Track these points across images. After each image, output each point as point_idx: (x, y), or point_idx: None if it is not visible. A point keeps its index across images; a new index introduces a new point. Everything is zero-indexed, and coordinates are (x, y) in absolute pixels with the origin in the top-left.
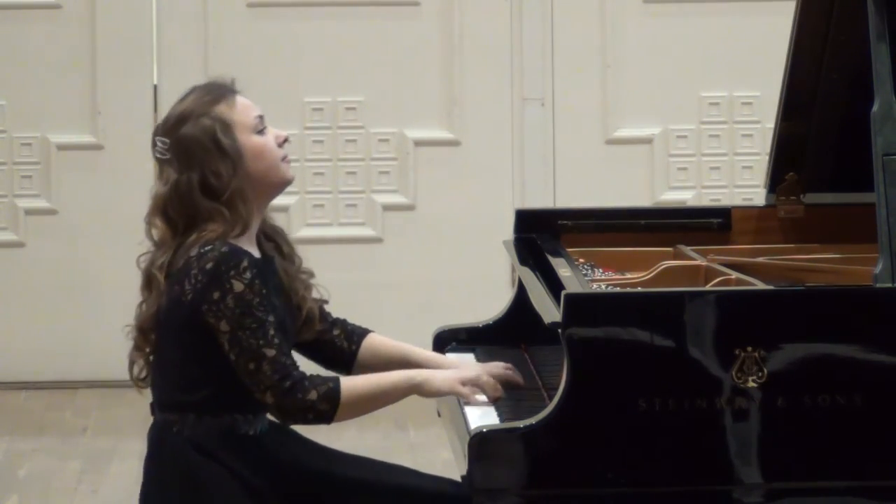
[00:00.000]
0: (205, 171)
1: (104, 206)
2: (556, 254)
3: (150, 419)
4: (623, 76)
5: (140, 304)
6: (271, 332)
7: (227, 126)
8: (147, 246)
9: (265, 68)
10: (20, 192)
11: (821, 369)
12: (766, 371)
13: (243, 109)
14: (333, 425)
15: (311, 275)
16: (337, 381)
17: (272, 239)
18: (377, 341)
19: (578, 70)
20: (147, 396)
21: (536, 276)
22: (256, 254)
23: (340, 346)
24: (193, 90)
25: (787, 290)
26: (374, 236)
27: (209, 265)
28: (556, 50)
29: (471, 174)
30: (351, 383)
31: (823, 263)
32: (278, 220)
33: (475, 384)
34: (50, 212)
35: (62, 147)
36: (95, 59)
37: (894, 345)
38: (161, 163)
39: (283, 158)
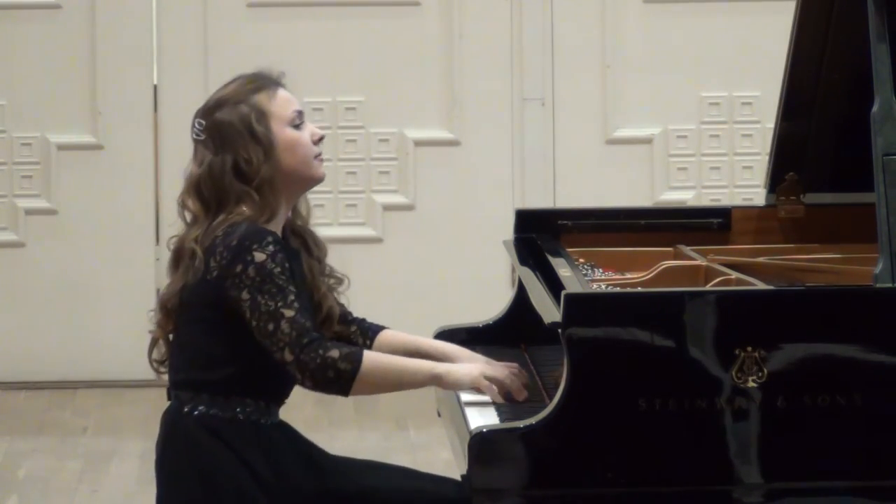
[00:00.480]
0: (237, 155)
1: (104, 206)
2: (556, 254)
3: (150, 419)
4: (623, 76)
5: (168, 285)
6: (291, 297)
7: (262, 115)
8: (178, 228)
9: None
10: (20, 192)
11: (821, 369)
12: (766, 371)
13: (282, 102)
14: (333, 423)
15: (340, 282)
16: (361, 348)
17: (301, 236)
18: (390, 335)
19: (578, 70)
20: (149, 395)
21: (536, 276)
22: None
23: (355, 341)
24: (239, 77)
25: (787, 290)
26: (374, 236)
27: (234, 242)
28: (556, 50)
29: (471, 174)
30: (374, 354)
31: (823, 263)
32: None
33: (499, 383)
34: (50, 212)
35: (62, 147)
36: (95, 59)
37: (894, 345)
38: (197, 143)
39: (316, 156)
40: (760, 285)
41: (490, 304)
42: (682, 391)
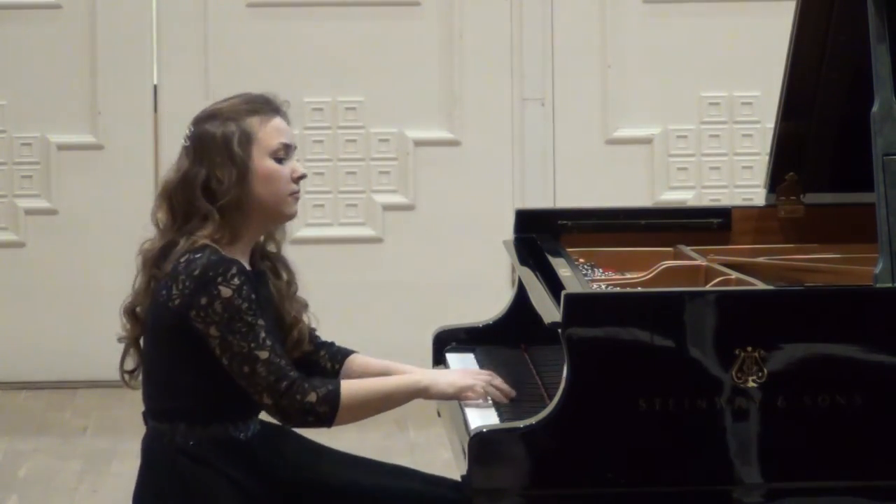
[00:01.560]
0: (211, 171)
1: (104, 206)
2: (556, 254)
3: None
4: (623, 76)
5: (134, 291)
6: (262, 334)
7: (246, 138)
8: (152, 232)
9: (265, 68)
10: (20, 192)
11: (821, 369)
12: (766, 371)
13: (272, 131)
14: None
15: (306, 305)
16: (337, 383)
17: (271, 261)
18: (361, 360)
19: (578, 70)
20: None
21: (536, 276)
22: (247, 266)
23: (324, 365)
24: (240, 95)
25: (787, 290)
26: (374, 236)
27: (197, 271)
28: (556, 50)
29: (471, 174)
30: (352, 386)
31: (823, 263)
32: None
33: (483, 390)
34: (50, 212)
35: (62, 147)
36: (95, 59)
37: (894, 345)
38: (182, 149)
39: (292, 193)
40: (760, 285)
41: (490, 304)
42: (682, 391)
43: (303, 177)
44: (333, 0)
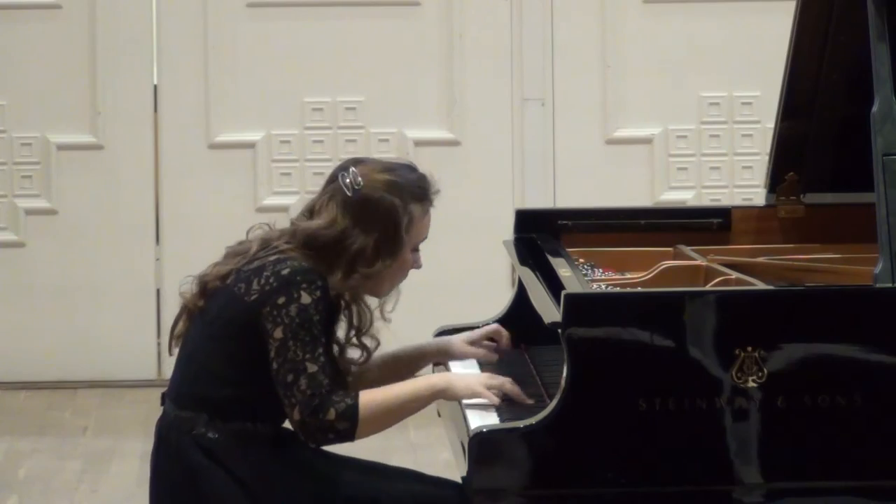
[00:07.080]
0: (367, 241)
1: (104, 206)
2: (556, 254)
3: (150, 419)
4: (623, 76)
5: (216, 265)
6: (320, 350)
7: (410, 226)
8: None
9: (265, 68)
10: (20, 192)
11: (821, 369)
12: (766, 371)
13: (425, 225)
14: None
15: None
16: (356, 397)
17: (349, 306)
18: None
19: (578, 70)
20: (149, 395)
21: (536, 276)
22: None
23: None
24: (413, 170)
25: (787, 290)
26: None
27: (285, 271)
28: (556, 50)
29: (471, 174)
30: (371, 397)
31: (823, 263)
32: (280, 219)
33: (500, 389)
34: (50, 212)
35: (62, 147)
36: (95, 59)
37: (894, 345)
38: (339, 192)
39: (399, 281)
40: (760, 285)
41: (490, 304)
42: (682, 391)
43: (417, 266)
44: (333, 0)
